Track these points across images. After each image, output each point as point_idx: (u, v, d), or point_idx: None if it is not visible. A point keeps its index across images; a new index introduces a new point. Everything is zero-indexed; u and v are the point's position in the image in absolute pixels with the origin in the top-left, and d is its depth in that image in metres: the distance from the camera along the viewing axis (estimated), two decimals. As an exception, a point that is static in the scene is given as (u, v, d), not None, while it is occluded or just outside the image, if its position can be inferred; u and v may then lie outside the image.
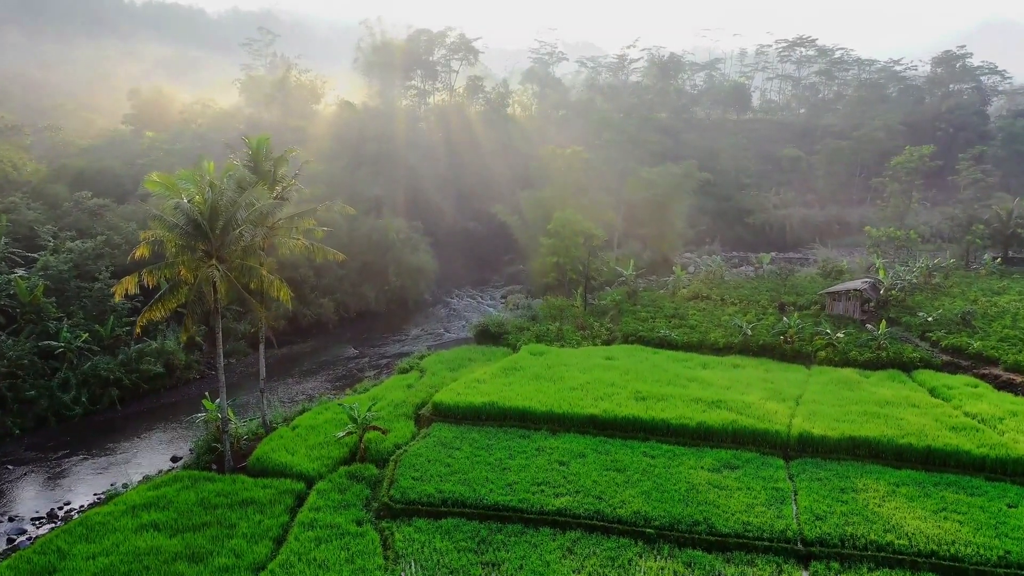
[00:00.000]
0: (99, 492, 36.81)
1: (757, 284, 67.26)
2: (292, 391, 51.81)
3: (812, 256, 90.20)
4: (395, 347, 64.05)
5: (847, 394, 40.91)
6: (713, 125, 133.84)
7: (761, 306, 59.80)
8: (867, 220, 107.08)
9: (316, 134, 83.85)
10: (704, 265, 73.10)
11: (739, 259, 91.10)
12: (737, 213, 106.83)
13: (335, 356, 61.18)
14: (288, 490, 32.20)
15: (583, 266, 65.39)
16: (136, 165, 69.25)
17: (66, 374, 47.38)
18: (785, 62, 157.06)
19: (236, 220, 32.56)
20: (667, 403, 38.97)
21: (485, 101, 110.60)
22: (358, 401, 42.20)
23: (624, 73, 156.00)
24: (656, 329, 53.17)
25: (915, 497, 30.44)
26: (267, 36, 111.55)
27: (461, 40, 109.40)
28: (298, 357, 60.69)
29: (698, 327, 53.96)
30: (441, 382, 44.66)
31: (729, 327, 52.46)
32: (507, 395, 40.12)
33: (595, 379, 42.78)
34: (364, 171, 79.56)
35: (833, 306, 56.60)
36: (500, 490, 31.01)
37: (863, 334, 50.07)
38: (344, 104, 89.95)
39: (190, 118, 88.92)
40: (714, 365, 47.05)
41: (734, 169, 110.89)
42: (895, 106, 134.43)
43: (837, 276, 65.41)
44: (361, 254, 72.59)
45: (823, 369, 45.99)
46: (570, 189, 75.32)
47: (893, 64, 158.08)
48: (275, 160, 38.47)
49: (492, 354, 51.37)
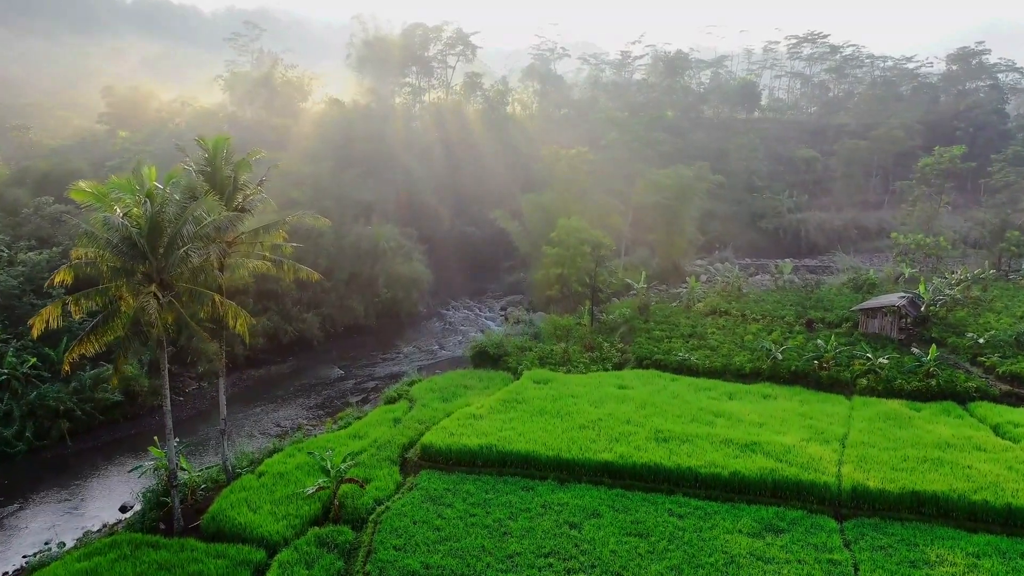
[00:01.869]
0: (28, 554, 31.39)
1: (780, 297, 61.80)
2: (265, 422, 46.38)
3: (833, 264, 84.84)
4: (385, 367, 58.62)
5: (900, 433, 35.46)
6: (721, 124, 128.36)
7: (787, 323, 54.37)
8: (886, 224, 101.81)
9: (302, 134, 78.38)
10: (720, 275, 67.60)
11: (754, 266, 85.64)
12: (749, 217, 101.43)
13: (318, 378, 55.71)
14: (245, 561, 26.80)
15: (590, 278, 59.96)
16: (105, 168, 63.79)
17: (8, 404, 41.96)
18: (795, 59, 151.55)
19: (182, 237, 27.11)
20: (693, 445, 33.57)
21: (483, 99, 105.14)
22: (335, 441, 36.86)
23: (628, 71, 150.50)
24: (673, 351, 47.74)
25: (1001, 574, 25.05)
26: (253, 31, 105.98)
27: (458, 35, 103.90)
28: (276, 379, 55.25)
29: (720, 349, 48.50)
30: (432, 416, 39.23)
31: (755, 349, 47.01)
32: (507, 435, 34.71)
33: (608, 414, 37.38)
34: (353, 173, 74.13)
35: (867, 324, 51.17)
36: (499, 563, 25.66)
37: (907, 358, 44.66)
38: (333, 102, 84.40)
39: (167, 117, 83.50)
40: (742, 395, 41.62)
41: (745, 171, 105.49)
42: (910, 105, 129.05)
43: (869, 290, 59.90)
44: (349, 264, 67.24)
45: (866, 400, 40.52)
46: (574, 193, 69.91)
47: (905, 61, 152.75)
48: (236, 164, 32.97)
49: (491, 380, 45.91)
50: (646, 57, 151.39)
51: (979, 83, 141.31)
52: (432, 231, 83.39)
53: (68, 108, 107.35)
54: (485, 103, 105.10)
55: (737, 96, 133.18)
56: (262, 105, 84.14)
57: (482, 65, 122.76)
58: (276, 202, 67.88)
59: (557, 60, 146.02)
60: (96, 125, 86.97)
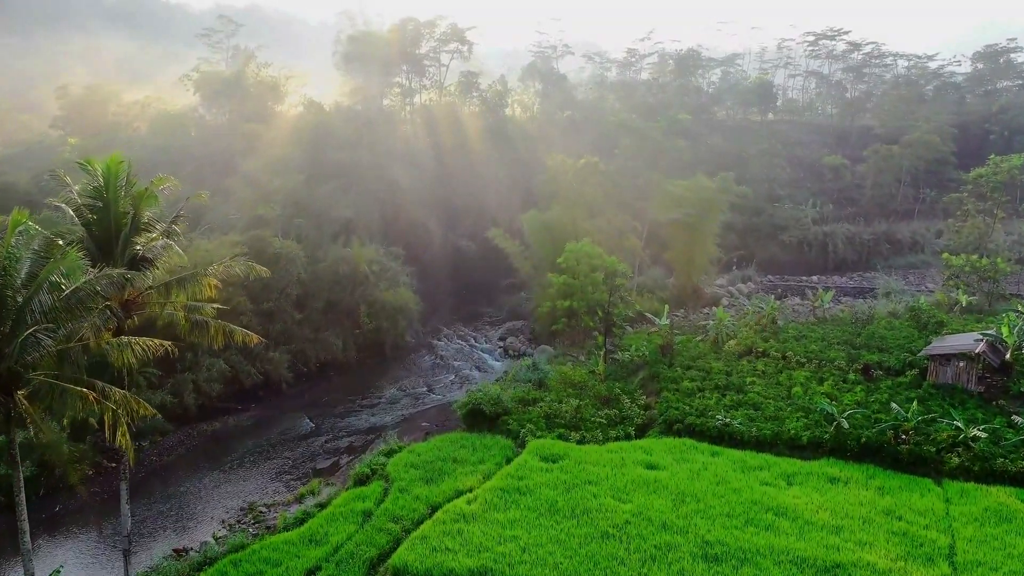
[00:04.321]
0: None
1: (823, 332, 53.19)
2: (209, 500, 37.73)
3: (870, 283, 76.43)
4: (363, 416, 50.01)
5: (1021, 544, 26.94)
6: (736, 127, 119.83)
7: (838, 368, 45.87)
8: (920, 238, 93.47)
9: (275, 140, 69.68)
10: (750, 305, 59.09)
11: (781, 287, 77.17)
12: (770, 229, 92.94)
13: (284, 432, 47.06)
14: None
15: (604, 312, 51.43)
16: (45, 179, 55.28)
17: None
18: (814, 57, 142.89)
19: (32, 313, 18.52)
20: (756, 569, 25.11)
21: (480, 100, 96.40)
22: (285, 551, 28.28)
23: (636, 70, 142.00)
24: (709, 411, 39.17)
25: None
26: (228, 26, 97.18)
27: (453, 30, 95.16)
28: (234, 435, 46.59)
29: (765, 407, 39.92)
30: (411, 509, 30.71)
31: (810, 410, 38.48)
32: (508, 551, 26.24)
33: (638, 512, 28.89)
34: (332, 186, 65.45)
35: (939, 372, 42.62)
36: None
37: (997, 419, 36.25)
38: (310, 104, 75.63)
39: (126, 121, 74.92)
40: (803, 478, 33.02)
41: (766, 178, 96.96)
42: (937, 107, 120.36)
43: (937, 329, 51.20)
44: (325, 291, 58.69)
45: (963, 488, 31.94)
46: (583, 209, 61.33)
47: (927, 59, 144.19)
48: (137, 197, 24.34)
49: (486, 449, 37.30)
50: (653, 55, 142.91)
51: (1008, 83, 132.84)
52: (422, 248, 74.84)
53: (30, 110, 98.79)
54: (482, 104, 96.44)
55: (752, 97, 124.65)
56: (233, 108, 75.34)
57: (479, 64, 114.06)
58: (241, 221, 59.55)
59: (560, 58, 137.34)
60: (49, 129, 78.32)
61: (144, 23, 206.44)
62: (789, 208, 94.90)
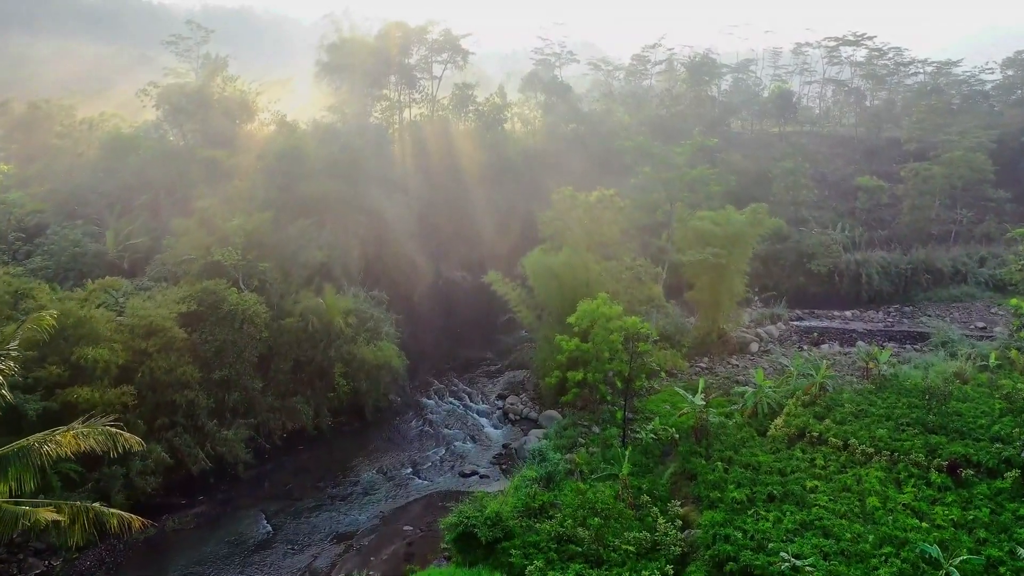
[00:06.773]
0: None
1: (886, 407, 44.26)
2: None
3: (909, 320, 67.74)
4: (333, 515, 41.24)
5: None
6: (754, 140, 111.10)
7: (916, 465, 37.13)
8: (962, 267, 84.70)
9: (237, 168, 60.64)
10: (793, 366, 50.35)
11: (815, 328, 68.51)
12: (796, 257, 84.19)
13: (231, 543, 38.26)
14: None
15: (624, 382, 42.70)
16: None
17: None
18: (836, 64, 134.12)
19: None
20: None
21: (476, 115, 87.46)
22: None
23: (645, 77, 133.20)
24: (767, 540, 30.38)
25: None
26: (199, 32, 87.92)
27: (446, 37, 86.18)
28: (167, 547, 37.71)
29: (840, 534, 31.08)
30: None
31: (904, 546, 29.72)
32: None
33: None
34: (305, 223, 56.53)
35: (1050, 478, 33.93)
36: None
37: None
38: (282, 124, 66.54)
39: (70, 145, 66.02)
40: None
41: (791, 200, 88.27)
42: (968, 118, 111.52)
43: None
44: (293, 349, 49.94)
45: None
46: (596, 251, 52.59)
47: (951, 66, 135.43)
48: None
49: (481, 598, 28.62)
50: (661, 64, 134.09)
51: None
52: (410, 287, 66.10)
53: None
54: (478, 120, 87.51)
55: (771, 107, 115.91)
56: (194, 127, 66.34)
57: (476, 70, 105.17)
58: (195, 265, 50.60)
59: (563, 65, 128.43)
60: (-11, 152, 69.44)
61: (129, 23, 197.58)
62: (817, 233, 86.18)
